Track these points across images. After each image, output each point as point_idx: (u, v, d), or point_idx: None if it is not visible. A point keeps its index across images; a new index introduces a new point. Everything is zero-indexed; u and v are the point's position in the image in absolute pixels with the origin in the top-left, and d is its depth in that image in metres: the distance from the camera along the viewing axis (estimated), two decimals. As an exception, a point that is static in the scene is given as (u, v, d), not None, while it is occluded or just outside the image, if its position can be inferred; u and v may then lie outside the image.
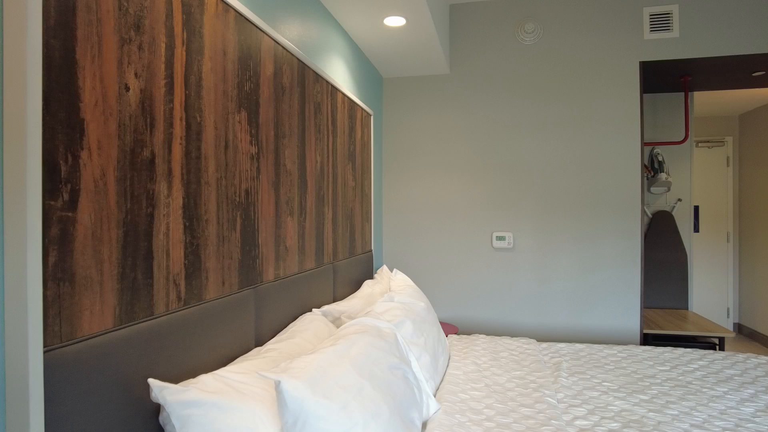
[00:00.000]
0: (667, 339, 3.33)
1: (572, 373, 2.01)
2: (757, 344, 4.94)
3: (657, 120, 3.88)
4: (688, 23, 2.94)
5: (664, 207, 3.86)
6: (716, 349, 3.26)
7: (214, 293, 1.28)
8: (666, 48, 2.98)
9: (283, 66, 1.72)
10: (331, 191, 2.21)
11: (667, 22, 2.97)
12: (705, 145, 5.54)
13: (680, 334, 3.05)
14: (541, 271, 3.11)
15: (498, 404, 1.65)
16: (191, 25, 1.20)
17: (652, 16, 3.00)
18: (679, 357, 2.22)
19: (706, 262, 5.48)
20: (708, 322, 3.26)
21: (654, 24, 2.99)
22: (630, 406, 1.68)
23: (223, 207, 1.33)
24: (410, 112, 3.31)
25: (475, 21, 3.21)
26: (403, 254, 3.32)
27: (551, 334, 3.09)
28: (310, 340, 1.49)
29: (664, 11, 2.98)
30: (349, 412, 1.02)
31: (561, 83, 3.10)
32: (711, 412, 1.61)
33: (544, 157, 3.11)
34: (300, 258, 1.83)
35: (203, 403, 0.95)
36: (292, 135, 1.78)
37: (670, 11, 2.98)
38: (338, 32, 2.39)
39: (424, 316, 1.98)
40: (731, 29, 2.88)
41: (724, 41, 2.89)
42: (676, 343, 3.27)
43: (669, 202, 3.86)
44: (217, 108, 1.31)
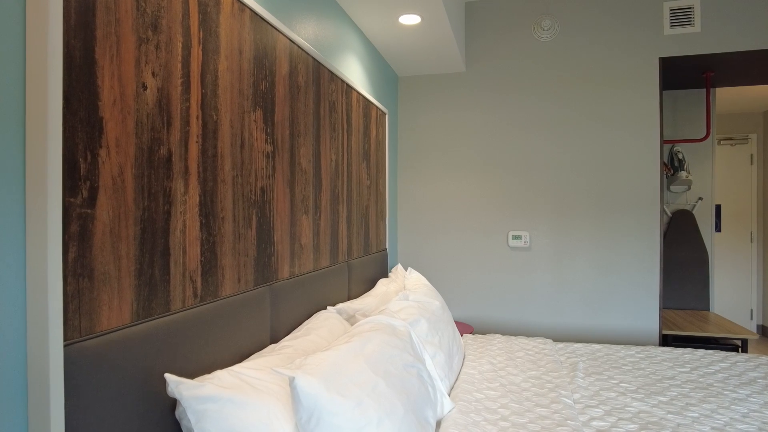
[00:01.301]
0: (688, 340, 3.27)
1: (589, 373, 1.99)
2: (782, 346, 4.82)
3: (677, 117, 3.81)
4: (710, 17, 2.88)
5: (684, 206, 3.79)
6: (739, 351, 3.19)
7: (230, 290, 1.29)
8: (687, 43, 2.92)
9: (299, 65, 1.73)
10: (346, 190, 2.21)
11: (688, 16, 2.92)
12: (728, 142, 5.42)
13: (701, 335, 2.99)
14: (557, 270, 3.08)
15: (513, 404, 1.63)
16: (207, 25, 1.21)
17: (673, 10, 2.94)
18: (700, 359, 2.18)
19: (729, 262, 5.37)
20: (730, 324, 3.19)
21: (674, 19, 2.93)
22: (648, 407, 1.65)
23: (239, 205, 1.34)
24: (426, 111, 3.30)
25: (491, 18, 3.19)
26: (418, 253, 3.31)
27: (568, 334, 3.05)
28: (325, 338, 1.50)
29: (685, 5, 2.92)
30: (363, 410, 1.02)
31: (578, 81, 3.06)
32: (733, 415, 1.57)
33: (560, 155, 3.08)
34: (315, 256, 1.84)
35: (219, 398, 0.96)
36: (307, 134, 1.79)
37: (691, 5, 2.92)
38: (353, 31, 2.39)
39: (439, 315, 1.97)
40: (755, 23, 2.81)
41: (748, 35, 2.83)
42: (696, 345, 3.21)
43: (689, 200, 3.79)
44: (233, 107, 1.32)
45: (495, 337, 2.45)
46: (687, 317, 3.38)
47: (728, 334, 2.96)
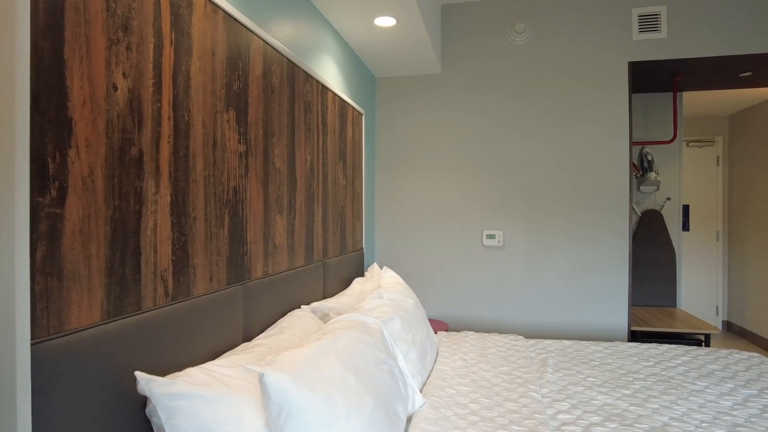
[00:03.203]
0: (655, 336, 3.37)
1: (558, 369, 2.05)
2: (746, 341, 5.00)
3: (648, 120, 3.92)
4: (676, 24, 2.98)
5: (653, 206, 3.90)
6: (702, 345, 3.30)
7: (202, 289, 1.30)
8: (654, 48, 3.01)
9: (273, 66, 1.74)
10: (322, 189, 2.23)
11: (655, 22, 3.01)
12: (695, 144, 5.59)
13: (667, 331, 3.10)
14: (531, 268, 3.15)
15: (484, 399, 1.68)
16: (180, 26, 1.22)
17: (641, 17, 3.03)
18: (664, 353, 2.26)
19: (697, 260, 5.54)
20: (695, 320, 3.30)
21: (643, 25, 3.03)
22: (613, 400, 1.71)
23: (212, 204, 1.35)
24: (403, 112, 3.34)
25: (467, 21, 3.24)
26: (395, 252, 3.34)
27: (541, 331, 3.12)
28: (299, 336, 1.52)
29: (653, 12, 3.02)
30: (332, 405, 1.05)
31: (551, 83, 3.13)
32: (690, 406, 1.64)
33: (534, 156, 3.15)
34: (289, 255, 1.86)
35: (190, 395, 0.97)
36: (282, 134, 1.80)
37: (658, 12, 3.01)
38: (329, 32, 2.41)
39: (413, 313, 2.01)
40: (718, 30, 2.92)
41: (711, 42, 2.93)
42: (663, 340, 3.31)
43: (658, 201, 3.90)
44: (206, 107, 1.33)
45: (468, 334, 2.50)
46: (655, 314, 3.49)
47: (693, 330, 3.07)
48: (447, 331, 3.08)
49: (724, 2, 2.91)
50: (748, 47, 2.88)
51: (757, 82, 3.50)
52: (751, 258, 4.96)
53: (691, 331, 3.07)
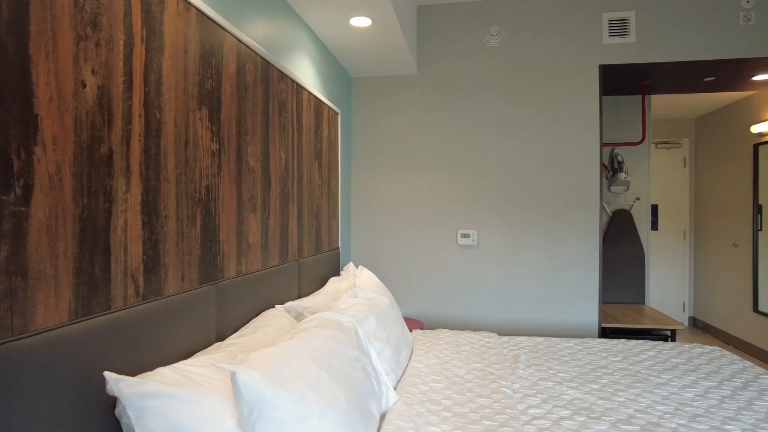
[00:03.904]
0: (624, 332, 3.46)
1: (530, 365, 2.09)
2: (710, 336, 5.17)
3: (619, 121, 4.02)
4: (645, 29, 3.07)
5: (623, 205, 4.01)
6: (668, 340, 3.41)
7: (174, 288, 1.29)
8: (624, 52, 3.10)
9: (247, 64, 1.73)
10: (297, 189, 2.23)
11: (624, 27, 3.09)
12: (664, 146, 5.76)
13: (636, 327, 3.19)
14: (504, 267, 3.20)
15: (456, 395, 1.70)
16: (151, 23, 1.21)
17: (611, 21, 3.11)
18: (631, 348, 2.33)
19: (665, 258, 5.71)
20: (662, 316, 3.40)
21: (612, 29, 3.11)
22: (582, 394, 1.76)
23: (183, 203, 1.34)
24: (379, 112, 3.36)
25: (442, 23, 3.27)
26: (372, 252, 3.36)
27: (515, 328, 3.18)
28: (273, 336, 1.51)
29: (622, 17, 3.10)
30: (305, 402, 1.05)
31: (525, 85, 3.19)
32: (654, 398, 1.70)
33: (508, 156, 3.20)
34: (263, 255, 1.85)
35: (161, 394, 0.96)
36: (256, 132, 1.80)
37: (627, 17, 3.10)
38: (305, 31, 2.41)
39: (388, 311, 2.02)
40: (683, 36, 3.02)
41: (677, 47, 3.03)
42: (632, 336, 3.40)
43: (628, 200, 4.01)
44: (178, 105, 1.32)
45: (443, 332, 2.53)
46: (624, 310, 3.58)
47: (660, 326, 3.17)
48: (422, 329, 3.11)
49: (689, 10, 3.01)
50: (711, 53, 2.99)
51: (720, 86, 3.63)
52: (715, 256, 5.13)
53: (658, 327, 3.17)
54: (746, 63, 3.04)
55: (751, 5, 2.94)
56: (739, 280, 4.69)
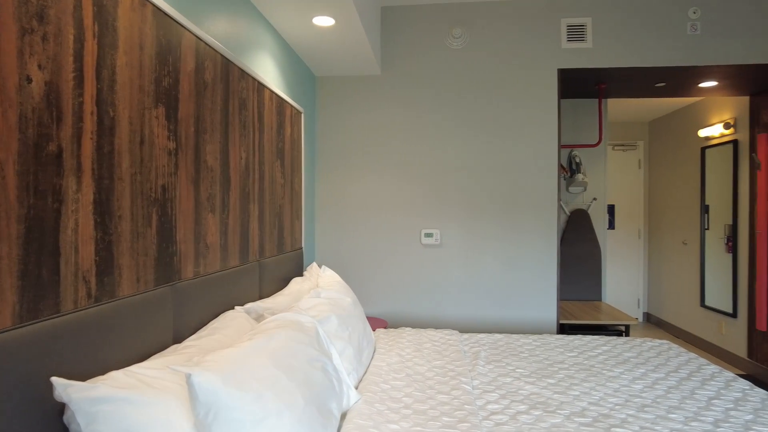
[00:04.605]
0: (581, 328, 3.58)
1: (489, 361, 2.14)
2: (662, 331, 5.40)
3: (577, 124, 4.15)
4: (601, 35, 3.18)
5: (581, 205, 4.14)
6: (622, 335, 3.54)
7: (129, 290, 1.26)
8: (581, 57, 3.20)
9: (206, 62, 1.71)
10: (258, 188, 2.20)
11: (582, 33, 3.20)
12: (620, 148, 5.97)
13: (592, 323, 3.30)
14: (467, 265, 3.25)
15: (417, 392, 1.73)
16: (104, 18, 1.18)
17: (569, 26, 3.21)
18: (587, 343, 2.41)
19: (621, 256, 5.92)
20: (618, 312, 3.54)
21: (571, 34, 3.20)
22: (538, 389, 1.81)
23: (138, 203, 1.31)
24: (344, 111, 3.35)
25: (406, 24, 3.30)
26: (336, 252, 3.35)
27: (476, 325, 3.24)
28: (232, 337, 1.50)
29: (579, 23, 3.20)
30: (263, 403, 1.05)
31: (486, 87, 3.25)
32: (607, 391, 1.77)
33: (470, 156, 3.26)
34: (222, 255, 1.83)
35: (113, 399, 0.94)
36: (215, 131, 1.77)
37: (584, 23, 3.20)
38: (267, 30, 2.39)
39: (351, 311, 2.03)
40: (636, 43, 3.15)
41: (631, 54, 3.15)
42: (588, 332, 3.52)
43: (586, 201, 4.14)
44: (133, 103, 1.29)
45: (406, 330, 2.55)
46: (582, 307, 3.70)
47: (615, 321, 3.29)
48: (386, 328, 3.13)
49: (641, 18, 3.14)
50: (662, 60, 3.12)
51: (670, 92, 3.80)
52: (667, 254, 5.36)
53: (613, 322, 3.29)
54: (693, 70, 3.20)
55: (698, 17, 3.09)
56: (688, 277, 4.92)
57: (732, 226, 4.19)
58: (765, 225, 3.74)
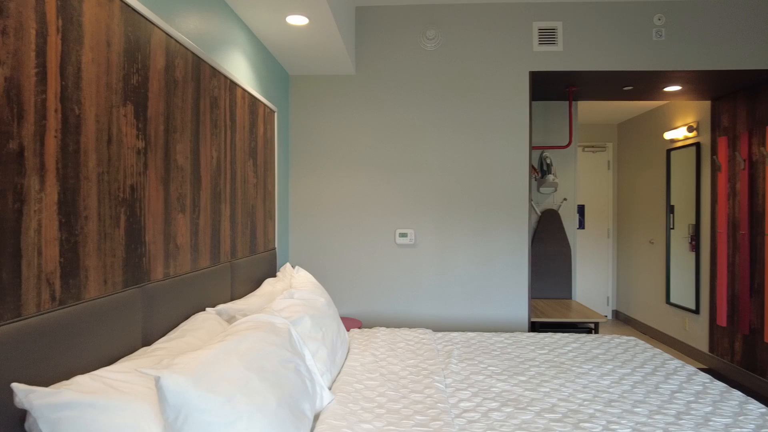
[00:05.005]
0: (552, 326, 3.65)
1: (462, 359, 2.16)
2: (630, 328, 5.55)
3: (548, 126, 4.23)
4: (571, 39, 3.25)
5: (551, 206, 4.22)
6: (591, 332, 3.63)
7: (95, 292, 1.23)
8: (552, 60, 3.26)
9: (176, 59, 1.68)
10: (230, 188, 2.18)
11: (553, 36, 3.26)
12: (590, 149, 6.11)
13: (563, 321, 3.37)
14: (441, 265, 3.28)
15: (390, 392, 1.73)
16: (68, 13, 1.14)
17: (541, 30, 3.27)
18: (557, 341, 2.46)
19: (590, 255, 6.06)
20: (587, 310, 3.62)
21: (542, 37, 3.26)
22: (510, 386, 1.84)
23: (106, 203, 1.28)
24: (317, 111, 3.34)
25: (381, 24, 3.31)
26: (310, 252, 3.34)
27: (450, 324, 3.27)
28: (202, 339, 1.48)
29: (551, 26, 3.27)
30: (234, 405, 1.04)
31: (460, 89, 3.29)
32: (576, 387, 1.81)
33: (443, 157, 3.28)
34: (193, 256, 1.80)
35: (78, 404, 0.92)
36: (185, 130, 1.74)
37: (555, 27, 3.26)
38: (239, 28, 2.36)
39: (325, 312, 2.02)
40: (605, 47, 3.23)
41: (600, 58, 3.23)
42: (559, 330, 3.59)
43: (556, 201, 4.22)
44: (100, 101, 1.26)
45: (380, 330, 2.56)
46: (553, 305, 3.77)
47: (584, 319, 3.37)
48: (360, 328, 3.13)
49: (609, 23, 3.22)
50: (629, 65, 3.21)
51: (637, 95, 3.91)
52: (635, 253, 5.51)
53: (583, 320, 3.36)
54: (658, 75, 3.30)
55: (662, 23, 3.19)
56: (654, 275, 5.07)
57: (695, 225, 4.33)
58: (725, 225, 3.89)
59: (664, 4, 3.19)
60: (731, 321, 3.84)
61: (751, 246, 3.61)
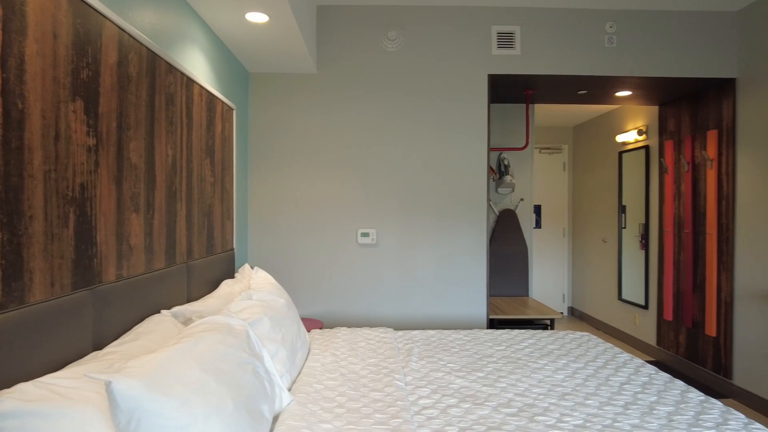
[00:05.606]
0: (510, 323, 3.74)
1: (422, 357, 2.19)
2: (585, 323, 5.75)
3: (506, 127, 4.33)
4: (528, 43, 3.33)
5: (509, 206, 4.32)
6: (547, 329, 3.74)
7: (41, 295, 1.18)
8: (510, 63, 3.34)
9: (130, 54, 1.63)
10: (186, 187, 2.13)
11: (511, 40, 3.34)
12: (546, 151, 6.29)
13: (520, 318, 3.46)
14: (402, 264, 3.31)
15: (350, 391, 1.74)
16: (10, 2, 1.09)
17: (499, 34, 3.34)
18: (514, 337, 2.53)
19: (547, 254, 6.24)
20: (544, 307, 3.72)
21: (500, 41, 3.34)
22: (468, 383, 1.87)
23: (53, 202, 1.23)
24: (278, 109, 3.30)
25: (342, 24, 3.30)
26: (270, 253, 3.30)
27: (412, 323, 3.30)
28: (157, 342, 1.44)
29: (509, 31, 3.34)
30: (189, 408, 1.02)
31: (421, 90, 3.32)
32: (531, 382, 1.87)
33: (404, 157, 3.31)
34: (147, 257, 1.75)
35: (20, 413, 0.88)
36: (139, 127, 1.69)
37: (513, 31, 3.34)
38: (197, 23, 2.31)
39: (284, 313, 2.01)
40: (561, 52, 3.33)
41: (556, 62, 3.33)
42: (516, 326, 3.69)
43: (513, 201, 4.33)
44: (46, 95, 1.21)
45: (341, 330, 2.56)
46: (510, 303, 3.86)
47: (541, 315, 3.46)
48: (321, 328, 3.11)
49: (564, 29, 3.32)
50: (583, 69, 3.33)
51: (590, 99, 4.05)
52: (589, 252, 5.72)
53: (540, 317, 3.46)
54: (610, 80, 3.43)
55: (614, 31, 3.32)
56: (607, 273, 5.27)
57: (645, 225, 4.53)
58: (672, 224, 4.08)
59: (615, 12, 3.33)
60: (676, 315, 4.04)
61: (695, 244, 3.81)
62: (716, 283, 3.55)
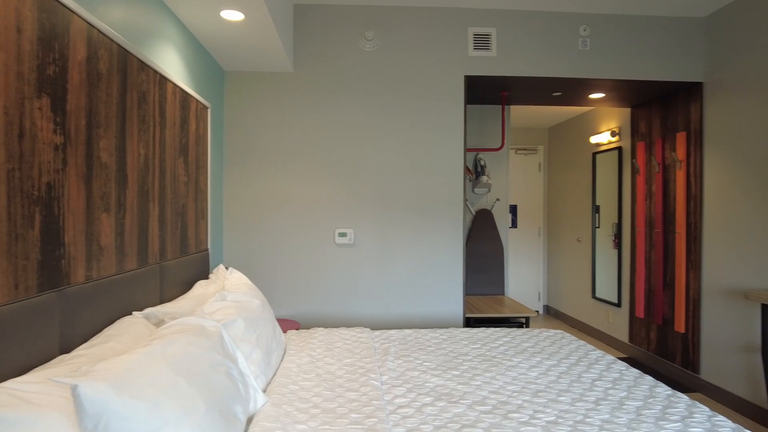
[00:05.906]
0: (486, 321, 3.78)
1: (399, 356, 2.20)
2: (560, 321, 5.85)
3: (482, 128, 4.37)
4: (504, 45, 3.37)
5: (485, 206, 4.36)
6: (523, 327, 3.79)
7: (4, 298, 1.15)
8: (486, 65, 3.38)
9: (100, 51, 1.59)
10: (158, 186, 2.09)
11: (487, 42, 3.37)
12: (522, 152, 6.37)
13: (495, 316, 3.50)
14: (380, 264, 3.31)
15: (326, 391, 1.73)
16: (-28, -4, 1.06)
17: (475, 35, 3.37)
18: (489, 335, 2.56)
19: (522, 253, 6.32)
20: (519, 305, 3.77)
21: (477, 43, 3.37)
22: (444, 381, 1.89)
23: (17, 202, 1.19)
24: (254, 108, 3.27)
25: (320, 23, 3.29)
26: (246, 253, 3.26)
27: (389, 322, 3.30)
28: (128, 344, 1.41)
29: (485, 32, 3.38)
30: (159, 411, 1.00)
31: (397, 90, 3.33)
32: (506, 379, 1.89)
33: (381, 157, 3.32)
34: (118, 258, 1.71)
35: (-18, 418, 0.86)
36: (110, 125, 1.66)
37: (489, 33, 3.38)
38: (171, 20, 2.27)
39: (259, 314, 1.99)
40: (536, 54, 3.38)
41: (531, 64, 3.38)
42: (492, 324, 3.73)
43: (490, 201, 4.38)
44: (9, 91, 1.17)
45: (318, 331, 2.55)
46: (486, 301, 3.91)
47: (516, 314, 3.51)
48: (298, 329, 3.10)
49: (539, 31, 3.37)
50: (558, 71, 3.38)
51: (565, 101, 4.12)
52: (564, 251, 5.82)
53: (515, 315, 3.51)
54: (583, 82, 3.50)
55: (587, 34, 3.39)
56: (581, 272, 5.37)
57: (618, 224, 4.63)
58: (643, 223, 4.18)
59: (589, 16, 3.39)
60: (648, 312, 4.14)
61: (665, 243, 3.91)
62: (685, 280, 3.65)
